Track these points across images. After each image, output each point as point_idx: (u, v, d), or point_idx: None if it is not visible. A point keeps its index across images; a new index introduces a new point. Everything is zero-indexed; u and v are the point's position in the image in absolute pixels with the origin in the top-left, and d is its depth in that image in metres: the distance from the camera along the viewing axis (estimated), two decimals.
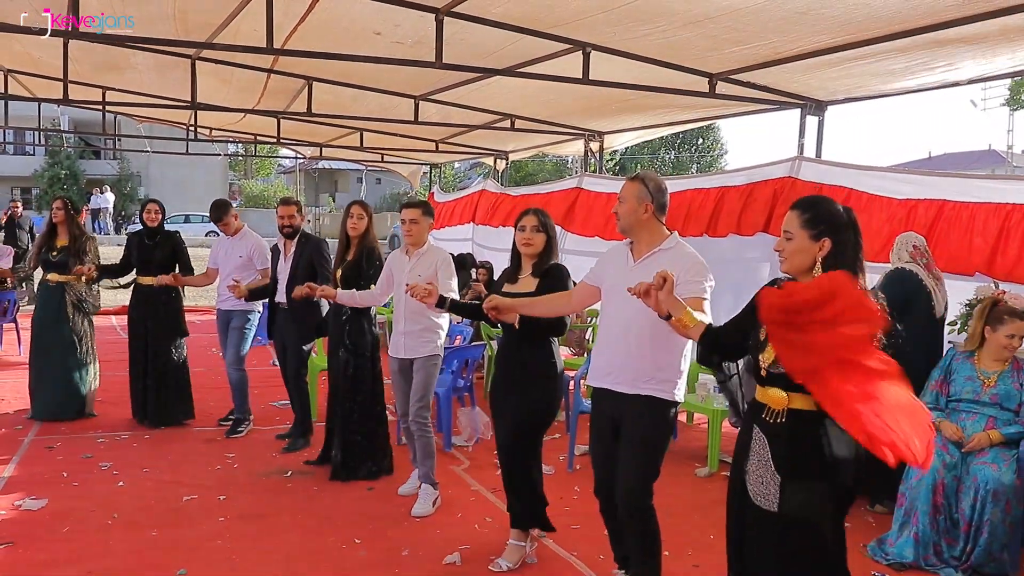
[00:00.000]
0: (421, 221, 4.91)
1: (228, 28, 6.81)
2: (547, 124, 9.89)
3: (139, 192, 41.20)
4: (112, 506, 4.89)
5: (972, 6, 4.66)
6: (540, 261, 4.10)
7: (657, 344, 3.40)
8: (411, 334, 4.92)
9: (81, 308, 6.94)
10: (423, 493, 4.98)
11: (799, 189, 6.94)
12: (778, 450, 2.70)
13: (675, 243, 3.52)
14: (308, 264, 5.90)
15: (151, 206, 6.82)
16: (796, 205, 2.79)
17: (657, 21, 5.48)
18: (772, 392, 2.73)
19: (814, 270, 2.70)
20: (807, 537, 2.69)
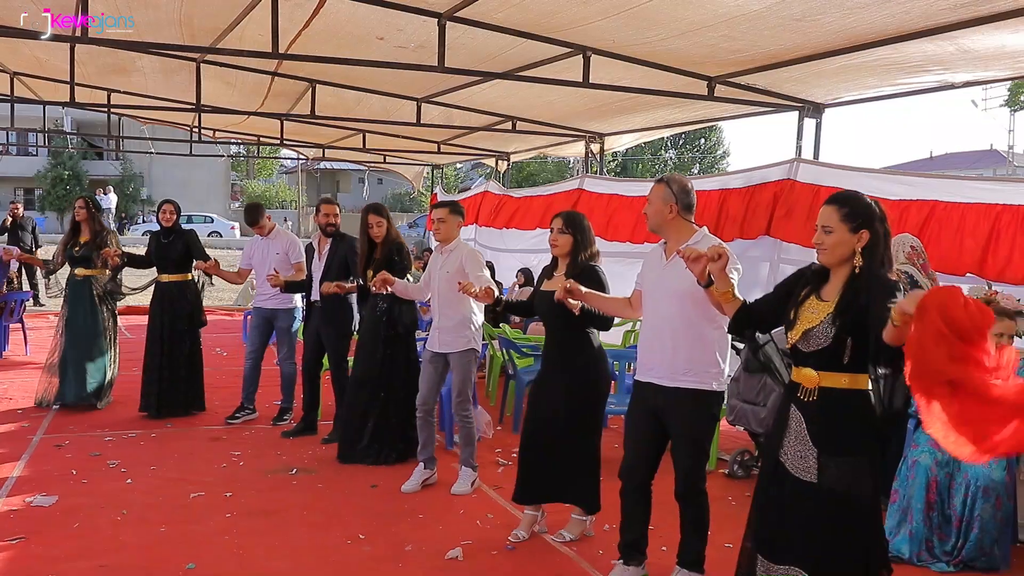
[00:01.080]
0: (448, 219, 5.16)
1: (233, 32, 6.93)
2: (548, 126, 10.00)
3: (141, 193, 41.34)
4: (121, 503, 4.98)
5: (965, 11, 4.76)
6: (572, 261, 4.39)
7: (692, 339, 3.66)
8: (445, 329, 5.15)
9: (105, 300, 7.28)
10: (463, 475, 5.29)
11: (798, 191, 7.05)
12: (813, 426, 2.89)
13: (702, 237, 3.76)
14: (342, 262, 6.14)
15: (166, 207, 7.11)
16: (832, 200, 2.95)
17: (656, 28, 5.59)
18: (805, 372, 2.92)
19: (854, 259, 2.87)
20: (844, 508, 2.83)
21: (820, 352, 2.87)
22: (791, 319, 2.97)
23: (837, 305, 2.86)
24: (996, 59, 5.59)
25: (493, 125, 10.08)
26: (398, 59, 6.97)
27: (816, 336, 2.88)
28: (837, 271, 2.94)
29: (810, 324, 2.90)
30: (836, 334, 2.83)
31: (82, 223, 7.21)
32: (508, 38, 6.31)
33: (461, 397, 5.19)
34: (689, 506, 3.79)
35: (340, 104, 9.79)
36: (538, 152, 12.83)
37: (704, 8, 5.07)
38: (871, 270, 2.86)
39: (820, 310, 2.91)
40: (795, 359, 2.99)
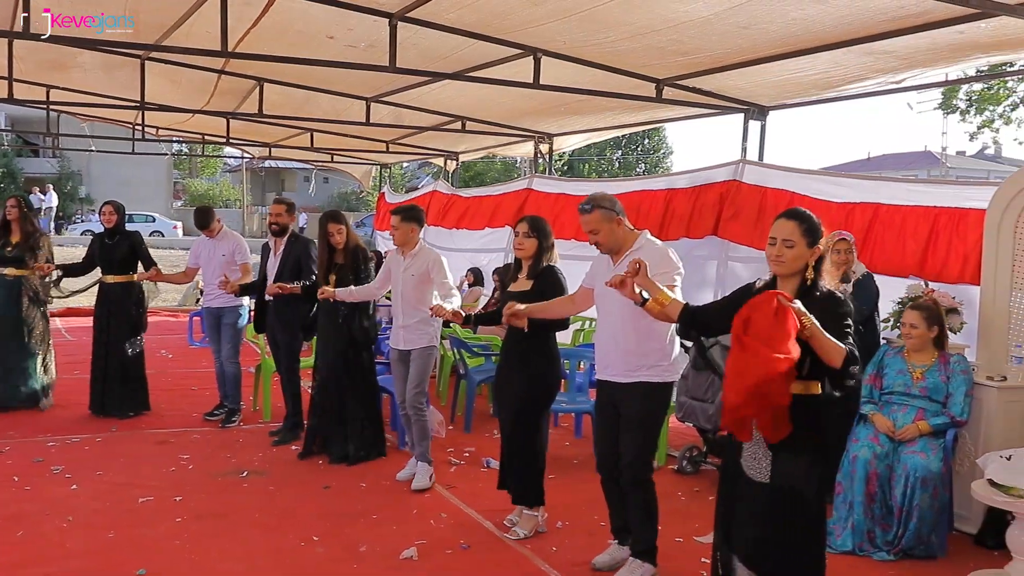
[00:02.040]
0: (400, 227, 5.26)
1: (180, 29, 6.82)
2: (497, 126, 10.04)
3: (80, 191, 40.24)
4: (66, 509, 4.87)
5: (901, 21, 4.92)
6: (534, 263, 4.55)
7: (641, 336, 3.86)
8: (408, 327, 5.34)
9: (36, 302, 7.13)
10: (420, 470, 5.39)
11: (744, 192, 7.20)
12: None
13: (644, 242, 3.95)
14: (296, 262, 6.16)
15: (106, 207, 7.01)
16: (792, 216, 3.07)
17: (606, 31, 5.66)
18: None
19: (806, 272, 3.03)
20: (793, 504, 2.98)
21: None
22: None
23: None
24: (932, 62, 5.78)
25: (443, 125, 10.08)
26: (348, 58, 6.94)
27: None
28: (785, 284, 3.06)
29: None
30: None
31: (12, 223, 7.02)
32: (459, 39, 6.33)
33: (417, 389, 5.34)
34: (636, 495, 3.96)
35: (288, 103, 9.70)
36: (487, 152, 12.87)
37: (654, 12, 5.16)
38: (818, 283, 3.03)
39: None
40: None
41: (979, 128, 17.80)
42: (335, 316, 5.80)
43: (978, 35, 5.06)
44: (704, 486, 5.61)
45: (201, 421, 6.91)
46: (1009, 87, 16.55)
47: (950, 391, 4.69)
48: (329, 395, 5.91)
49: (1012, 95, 16.85)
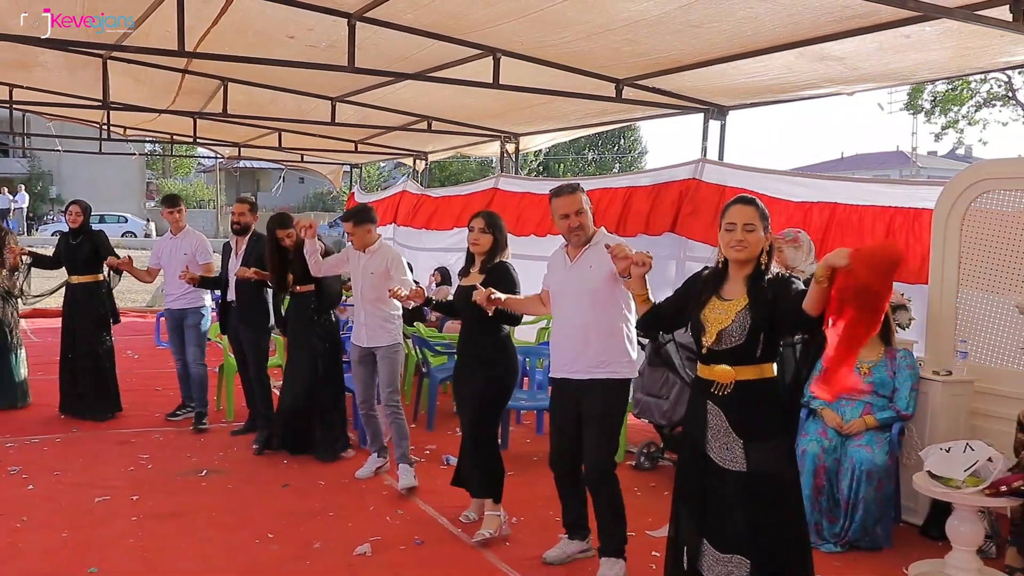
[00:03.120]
0: (356, 231, 5.30)
1: (140, 29, 6.80)
2: (464, 126, 10.08)
3: (50, 191, 39.84)
4: (21, 510, 4.86)
5: (849, 23, 5.02)
6: (487, 259, 4.56)
7: (603, 334, 3.88)
8: (371, 325, 5.33)
9: (7, 300, 7.13)
10: (403, 471, 5.35)
11: (703, 191, 7.28)
12: (734, 417, 3.04)
13: (603, 236, 3.99)
14: (259, 261, 6.14)
15: (72, 207, 7.00)
16: (748, 201, 3.10)
17: (561, 31, 5.72)
18: (719, 369, 3.06)
19: (762, 257, 3.06)
20: (775, 488, 3.02)
21: (735, 349, 3.02)
22: (699, 324, 3.11)
23: (750, 303, 3.01)
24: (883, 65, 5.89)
25: (409, 125, 10.10)
26: (310, 57, 6.95)
27: (730, 334, 3.02)
28: (739, 270, 3.09)
29: (722, 324, 3.04)
30: (751, 330, 2.99)
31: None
32: (419, 39, 6.36)
33: (391, 388, 5.35)
34: (603, 493, 3.98)
35: (253, 103, 9.68)
36: (455, 152, 12.89)
37: (606, 12, 5.22)
38: (769, 267, 3.08)
39: (727, 309, 3.06)
40: (706, 358, 3.11)
41: (943, 128, 18.05)
42: (305, 310, 5.86)
43: (925, 38, 5.16)
44: (660, 482, 5.68)
45: (163, 421, 6.90)
46: (972, 88, 16.79)
47: (896, 386, 4.79)
48: (297, 393, 5.93)
49: (975, 96, 17.08)
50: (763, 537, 3.02)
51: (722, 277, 3.14)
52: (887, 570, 4.35)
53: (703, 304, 3.13)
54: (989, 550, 4.46)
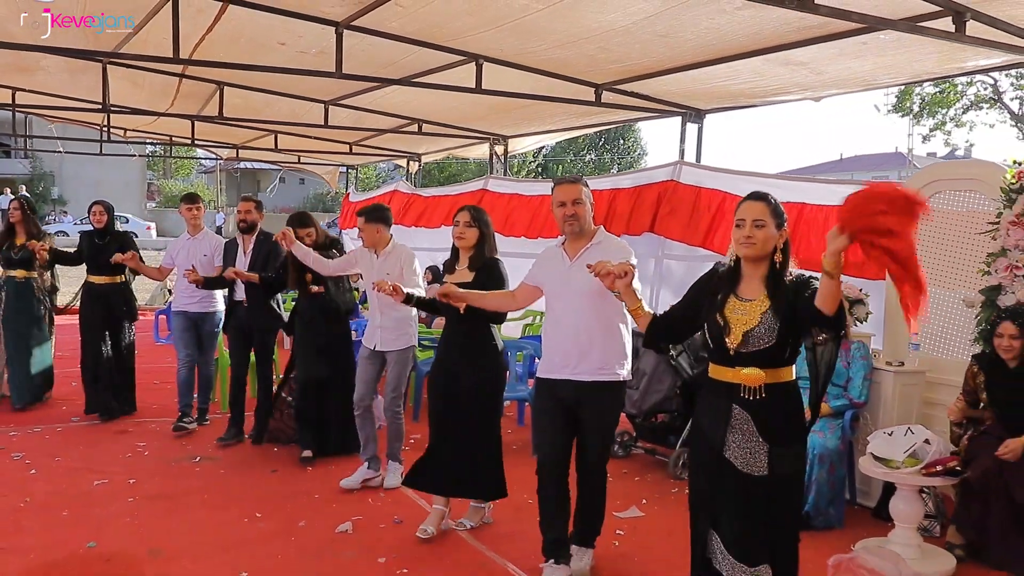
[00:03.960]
0: (366, 228, 5.23)
1: (138, 36, 7.07)
2: (453, 128, 10.36)
3: (52, 192, 40.14)
4: (24, 492, 5.16)
5: (809, 31, 5.30)
6: (476, 255, 4.44)
7: (604, 335, 3.83)
8: (387, 328, 5.23)
9: (43, 301, 7.33)
10: (391, 468, 5.42)
11: (680, 192, 7.57)
12: (762, 422, 2.91)
13: (604, 236, 3.96)
14: (266, 260, 6.15)
15: (96, 207, 6.99)
16: (759, 197, 2.98)
17: (537, 39, 6.01)
18: (747, 371, 2.92)
19: (775, 255, 2.97)
20: (792, 492, 3.01)
21: (764, 352, 2.90)
22: (720, 325, 2.97)
23: (773, 305, 2.90)
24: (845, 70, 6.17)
25: (400, 127, 10.39)
26: (301, 63, 7.24)
27: (758, 336, 2.90)
28: (753, 269, 2.98)
29: (748, 325, 2.92)
30: (780, 332, 2.88)
31: (16, 224, 7.16)
32: (404, 46, 6.63)
33: (395, 393, 5.29)
34: (594, 485, 4.02)
35: (249, 106, 9.96)
36: (447, 153, 13.19)
37: (578, 23, 5.50)
38: (786, 266, 2.97)
39: (750, 310, 2.94)
40: (732, 360, 2.96)
41: (931, 130, 18.31)
42: (313, 308, 5.83)
43: (881, 44, 5.45)
44: (632, 468, 5.97)
45: (160, 412, 7.15)
46: (959, 90, 17.06)
47: (850, 375, 5.08)
48: (309, 397, 5.90)
49: (963, 98, 17.35)
50: (783, 545, 3.00)
51: (737, 276, 3.03)
52: (838, 548, 4.57)
53: (722, 304, 3.00)
54: (934, 529, 4.75)
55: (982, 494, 4.34)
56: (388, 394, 5.31)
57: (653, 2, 4.88)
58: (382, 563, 4.24)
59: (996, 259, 4.91)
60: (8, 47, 6.53)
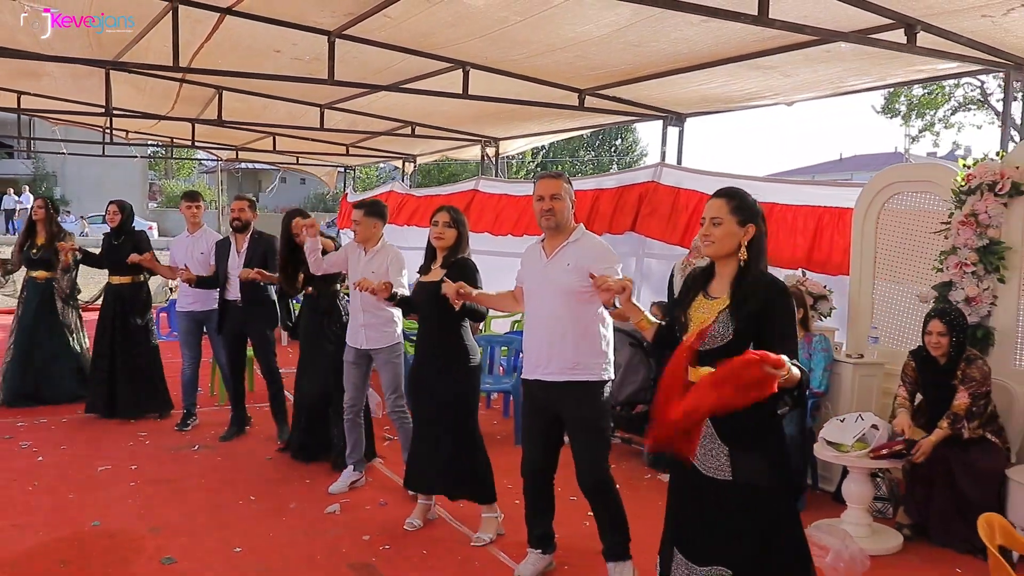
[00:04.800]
0: (363, 221, 5.13)
1: (139, 44, 7.38)
2: (445, 130, 10.67)
3: (55, 192, 40.44)
4: (32, 476, 5.47)
5: (773, 41, 5.60)
6: (449, 254, 4.46)
7: (578, 334, 3.72)
8: (371, 326, 5.14)
9: (68, 300, 7.38)
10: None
11: (661, 192, 7.89)
12: (720, 424, 2.83)
13: (582, 234, 3.87)
14: (262, 259, 6.08)
15: (111, 207, 7.01)
16: (721, 194, 2.97)
17: (519, 48, 6.32)
18: (703, 371, 2.83)
19: (739, 252, 2.90)
20: (758, 500, 2.83)
21: (719, 350, 2.83)
22: (683, 322, 2.98)
23: (732, 303, 2.85)
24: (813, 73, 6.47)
25: (394, 130, 10.70)
26: (296, 69, 7.55)
27: (713, 335, 2.86)
28: (723, 267, 2.97)
29: (703, 324, 2.88)
30: (736, 331, 2.83)
31: (39, 223, 7.25)
32: (395, 53, 6.94)
33: (396, 394, 5.22)
34: (599, 499, 3.83)
35: (247, 110, 10.27)
36: (441, 155, 13.51)
37: (554, 33, 5.81)
38: (756, 265, 2.91)
39: (711, 308, 2.91)
40: (692, 360, 2.89)
41: (920, 131, 18.61)
42: (316, 314, 5.72)
43: (843, 53, 5.74)
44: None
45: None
46: (947, 92, 17.34)
47: (811, 367, 5.38)
48: (314, 400, 5.76)
49: (951, 100, 17.63)
50: (748, 550, 2.85)
51: (710, 274, 3.03)
52: None
53: (689, 302, 3.02)
54: (887, 511, 5.05)
55: (928, 479, 4.64)
56: (388, 397, 5.23)
57: (623, 14, 5.18)
58: (366, 540, 4.54)
59: (947, 257, 5.22)
60: (17, 56, 6.80)
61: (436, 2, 5.51)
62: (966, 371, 4.66)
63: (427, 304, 4.46)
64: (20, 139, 15.31)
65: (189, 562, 4.21)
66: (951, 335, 4.69)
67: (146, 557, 4.26)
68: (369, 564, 4.25)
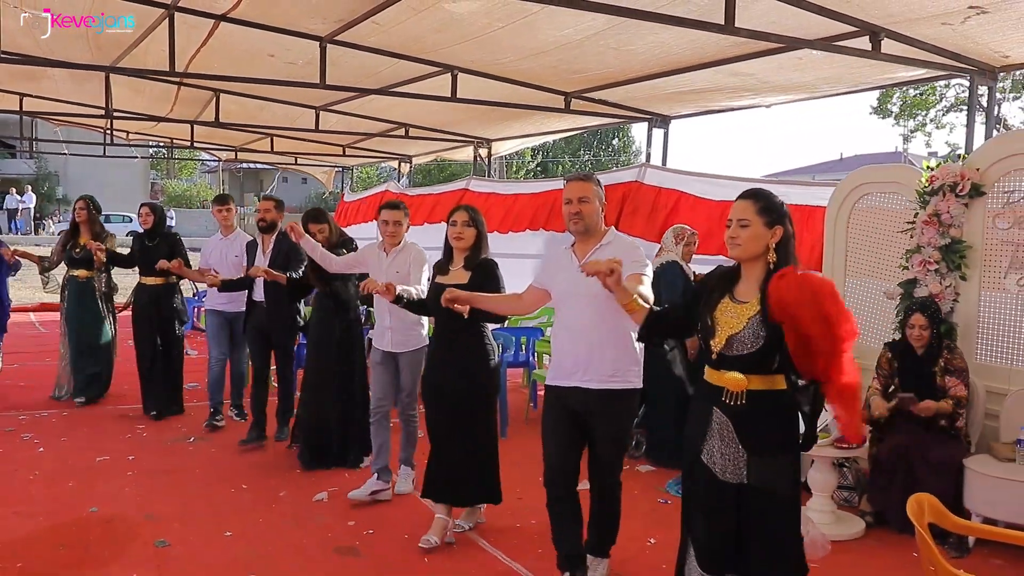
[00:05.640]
0: (404, 221, 5.01)
1: (138, 48, 7.60)
2: (439, 132, 10.89)
3: (57, 192, 40.72)
4: (33, 467, 5.69)
5: (747, 47, 5.81)
6: (471, 255, 4.35)
7: (615, 340, 3.63)
8: (396, 328, 5.01)
9: (108, 299, 7.56)
10: (403, 473, 5.27)
11: (643, 192, 8.10)
12: (743, 429, 2.81)
13: (614, 237, 3.79)
14: (285, 259, 6.01)
15: (143, 209, 7.10)
16: (748, 195, 2.90)
17: (504, 52, 6.53)
18: (730, 376, 2.81)
19: (768, 255, 2.83)
20: (771, 504, 2.83)
21: (746, 356, 2.80)
22: (709, 326, 2.89)
23: (763, 310, 2.77)
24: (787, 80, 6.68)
25: (388, 131, 10.92)
26: (291, 73, 7.77)
27: (743, 340, 2.81)
28: (750, 270, 2.89)
29: (734, 329, 2.82)
30: (766, 340, 2.76)
31: (81, 224, 7.32)
32: (384, 58, 7.16)
33: (409, 397, 5.14)
34: (606, 499, 3.84)
35: (244, 111, 10.50)
36: (435, 156, 13.74)
37: (535, 38, 6.02)
38: (785, 267, 2.79)
39: (740, 313, 2.83)
40: (716, 363, 2.89)
41: (912, 132, 18.80)
42: (325, 309, 5.64)
43: (814, 60, 5.95)
44: None
45: None
46: (938, 93, 17.53)
47: None
48: (323, 395, 5.67)
49: (942, 100, 17.82)
50: (758, 555, 2.86)
51: (735, 277, 2.94)
52: None
53: (714, 304, 2.92)
54: (853, 499, 5.25)
55: (890, 469, 4.85)
56: (402, 398, 5.14)
57: (599, 19, 5.39)
58: (351, 525, 4.76)
59: (912, 255, 5.42)
60: (19, 62, 7.00)
61: (422, 9, 5.72)
62: (950, 360, 4.91)
63: (442, 307, 4.17)
64: (23, 140, 15.53)
65: (182, 546, 4.43)
66: (932, 327, 4.93)
67: (141, 541, 4.48)
68: (354, 547, 4.46)
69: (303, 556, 4.37)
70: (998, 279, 5.17)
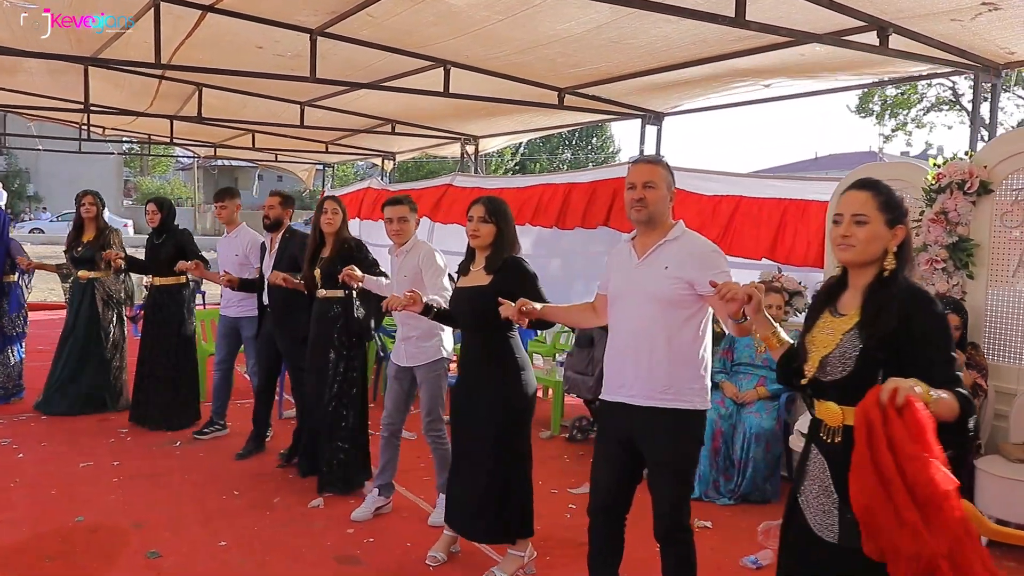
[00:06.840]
0: (410, 218, 4.54)
1: (120, 39, 7.37)
2: (425, 128, 10.72)
3: (28, 189, 40.05)
4: (13, 473, 5.47)
5: (751, 41, 5.70)
6: (493, 254, 3.88)
7: (673, 351, 3.12)
8: (409, 340, 4.54)
9: (110, 304, 7.07)
10: (441, 502, 4.59)
11: None
12: (837, 473, 2.31)
13: (682, 231, 3.21)
14: (292, 259, 5.55)
15: (149, 206, 6.66)
16: (865, 185, 2.38)
17: (500, 46, 6.38)
18: (825, 406, 2.37)
19: (885, 260, 2.35)
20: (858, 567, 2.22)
21: (843, 381, 2.31)
22: (804, 349, 2.44)
23: (861, 319, 2.31)
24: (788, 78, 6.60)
25: (374, 127, 10.73)
26: (278, 65, 7.56)
27: (835, 362, 2.33)
28: (858, 277, 2.40)
29: (827, 349, 2.36)
30: (862, 355, 2.27)
31: (87, 221, 6.94)
32: (376, 52, 6.98)
33: (431, 416, 4.56)
34: (672, 548, 3.22)
35: (227, 107, 10.25)
36: (420, 152, 13.55)
37: (534, 31, 5.88)
38: (900, 275, 2.35)
39: (836, 328, 2.37)
40: (816, 392, 2.41)
41: (893, 131, 18.90)
42: (327, 316, 5.15)
43: (817, 56, 5.86)
44: (588, 451, 6.31)
45: None
46: (920, 93, 17.62)
47: None
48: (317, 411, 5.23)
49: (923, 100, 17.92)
50: None
51: (840, 287, 2.48)
52: (772, 518, 5.02)
53: (813, 322, 2.47)
54: None
55: None
56: (424, 418, 4.59)
57: (603, 12, 5.26)
58: (350, 533, 4.60)
59: (918, 254, 5.34)
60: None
61: (419, 1, 5.56)
62: (974, 356, 4.91)
63: (468, 314, 3.92)
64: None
65: (175, 556, 4.25)
66: (962, 329, 4.92)
67: (131, 551, 4.29)
68: (354, 556, 4.30)
69: (302, 564, 4.21)
70: (1006, 277, 5.11)
